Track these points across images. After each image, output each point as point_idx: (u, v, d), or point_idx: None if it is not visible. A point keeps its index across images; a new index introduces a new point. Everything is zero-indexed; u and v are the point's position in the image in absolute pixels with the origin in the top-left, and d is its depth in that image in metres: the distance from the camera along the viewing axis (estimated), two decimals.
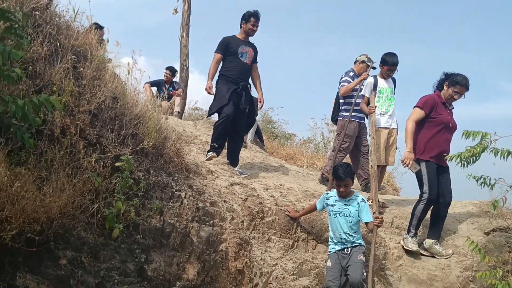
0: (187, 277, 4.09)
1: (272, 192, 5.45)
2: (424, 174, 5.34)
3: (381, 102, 6.38)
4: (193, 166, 4.96)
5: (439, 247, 5.39)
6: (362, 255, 4.64)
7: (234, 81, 6.18)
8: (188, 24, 10.98)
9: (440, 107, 5.46)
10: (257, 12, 6.31)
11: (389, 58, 6.29)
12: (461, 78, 5.42)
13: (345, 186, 4.71)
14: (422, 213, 5.33)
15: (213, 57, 6.25)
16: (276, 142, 11.58)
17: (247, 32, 6.33)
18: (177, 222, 4.17)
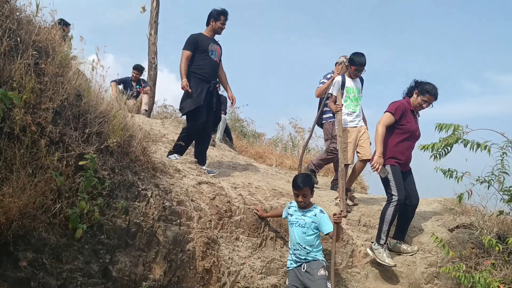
0: (153, 277, 4.03)
1: (240, 191, 5.43)
2: (390, 177, 5.37)
3: (348, 102, 6.44)
4: (160, 165, 4.89)
5: (404, 245, 5.47)
6: (323, 269, 4.39)
7: (206, 80, 6.11)
8: (157, 22, 10.83)
9: (409, 115, 5.50)
10: (226, 10, 6.26)
11: (357, 58, 6.33)
12: (431, 87, 5.47)
13: (304, 196, 4.52)
14: (393, 217, 5.30)
15: (182, 54, 6.11)
16: (245, 141, 11.57)
17: (216, 30, 6.26)
18: (143, 221, 4.10)
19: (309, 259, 4.44)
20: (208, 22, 6.27)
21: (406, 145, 5.46)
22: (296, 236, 4.54)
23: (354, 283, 5.15)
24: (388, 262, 5.17)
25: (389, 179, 5.36)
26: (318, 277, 4.32)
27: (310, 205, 4.63)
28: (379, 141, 5.40)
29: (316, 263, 4.42)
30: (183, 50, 6.13)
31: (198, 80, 6.05)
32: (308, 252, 4.46)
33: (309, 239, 4.48)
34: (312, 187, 4.62)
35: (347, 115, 6.38)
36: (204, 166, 6.06)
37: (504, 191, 3.95)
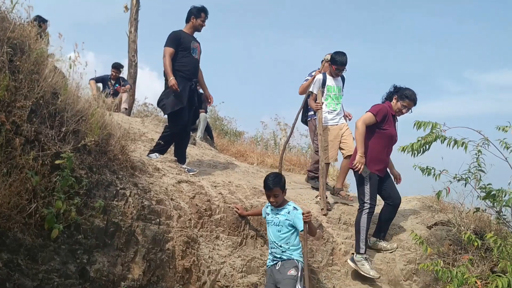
0: (132, 277, 3.99)
1: (221, 189, 5.41)
2: (366, 185, 5.31)
3: (329, 100, 6.47)
4: (139, 164, 4.84)
5: (383, 242, 5.51)
6: (294, 269, 4.34)
7: (189, 78, 6.05)
8: (137, 19, 10.73)
9: (390, 119, 5.47)
10: (206, 8, 6.21)
11: (338, 57, 6.37)
12: (410, 92, 5.46)
13: (275, 196, 4.50)
14: (367, 224, 5.24)
15: (165, 51, 5.98)
16: (226, 139, 11.54)
17: (196, 28, 6.20)
18: (122, 221, 4.06)
19: (284, 258, 4.42)
20: (188, 19, 6.19)
21: (386, 151, 5.46)
22: (272, 235, 4.55)
23: (335, 281, 5.18)
24: (372, 275, 5.11)
25: (365, 185, 5.31)
26: (286, 277, 4.30)
27: (284, 203, 4.61)
28: (361, 140, 5.32)
29: (289, 262, 4.40)
30: (166, 47, 6.00)
31: (181, 79, 5.96)
32: (283, 251, 4.44)
33: (284, 237, 4.47)
34: (283, 186, 4.58)
35: (328, 113, 6.41)
36: (184, 164, 6.02)
37: (481, 188, 4.00)
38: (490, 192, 3.82)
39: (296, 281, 4.28)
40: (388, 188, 5.48)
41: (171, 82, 5.85)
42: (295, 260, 4.40)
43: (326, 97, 6.49)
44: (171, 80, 5.84)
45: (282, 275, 4.33)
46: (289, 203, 4.63)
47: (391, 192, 5.49)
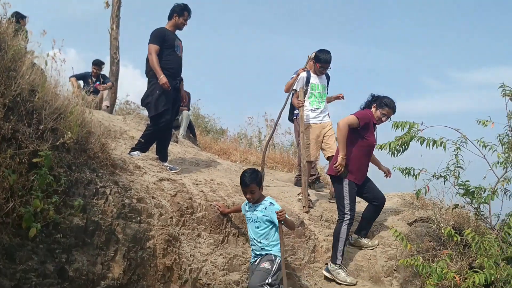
0: (112, 276, 3.96)
1: (202, 187, 5.39)
2: (346, 194, 5.24)
3: (313, 98, 6.48)
4: (120, 162, 4.81)
5: (365, 239, 5.54)
6: (268, 263, 4.35)
7: (173, 76, 6.00)
8: (119, 16, 10.61)
9: (372, 127, 5.42)
10: (189, 6, 6.16)
11: (322, 55, 6.37)
12: (389, 101, 5.42)
13: (251, 193, 4.51)
14: (347, 235, 5.20)
15: (151, 49, 5.88)
16: (209, 137, 11.51)
17: (178, 26, 6.14)
18: (102, 219, 4.02)
19: (263, 254, 4.44)
20: (171, 16, 6.13)
21: (365, 159, 5.41)
22: (251, 231, 4.59)
23: (316, 278, 5.20)
24: (350, 281, 5.09)
25: (344, 196, 5.25)
26: (259, 268, 4.33)
27: (261, 199, 4.61)
28: (343, 141, 5.22)
29: (266, 257, 4.42)
30: (151, 45, 5.89)
31: (167, 78, 5.88)
32: (262, 247, 4.46)
33: (263, 233, 4.47)
34: (260, 182, 4.59)
35: (311, 111, 6.42)
36: (166, 162, 5.99)
37: (459, 185, 4.04)
38: (468, 189, 3.87)
39: (269, 274, 4.27)
40: (371, 189, 5.49)
41: (162, 80, 5.77)
42: (272, 254, 4.41)
43: (310, 95, 6.49)
44: (162, 78, 5.77)
45: (256, 267, 4.39)
46: (266, 198, 4.63)
47: (375, 193, 5.50)
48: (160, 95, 5.83)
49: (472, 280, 3.41)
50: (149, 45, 5.92)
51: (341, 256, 5.15)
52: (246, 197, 4.59)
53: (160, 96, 5.83)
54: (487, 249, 3.71)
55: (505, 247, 3.64)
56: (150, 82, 5.94)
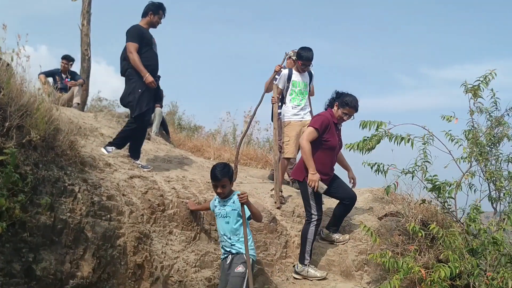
0: (81, 275, 3.92)
1: (174, 184, 5.37)
2: (311, 195, 5.24)
3: (293, 95, 6.48)
4: (89, 159, 4.75)
5: (336, 234, 5.60)
6: (242, 266, 4.26)
7: (153, 73, 5.93)
8: (89, 12, 10.43)
9: (332, 129, 5.34)
10: (164, 5, 6.11)
11: (304, 53, 6.36)
12: (351, 99, 5.32)
13: (222, 187, 4.42)
14: (314, 236, 5.20)
15: (130, 47, 5.77)
16: (183, 134, 11.44)
17: (153, 24, 6.08)
18: (70, 217, 3.97)
19: (233, 251, 4.37)
20: (146, 14, 6.05)
21: (328, 160, 5.34)
22: (221, 227, 4.53)
23: (288, 273, 5.24)
24: (320, 275, 5.15)
25: (310, 197, 5.24)
26: (234, 274, 4.23)
27: (230, 193, 4.54)
28: (309, 158, 5.18)
29: (238, 257, 4.34)
30: (131, 43, 5.80)
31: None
32: (232, 244, 4.38)
33: (233, 228, 4.40)
34: (231, 177, 4.53)
35: (292, 108, 6.42)
36: (138, 160, 5.94)
37: (427, 180, 4.12)
38: (435, 184, 3.94)
39: (244, 278, 4.21)
40: (341, 188, 5.45)
41: (148, 79, 5.74)
42: (244, 255, 4.32)
43: (291, 92, 6.49)
44: (148, 77, 5.73)
45: (230, 272, 4.29)
46: (235, 192, 4.54)
47: (345, 192, 5.45)
48: (143, 94, 5.80)
49: (437, 274, 3.48)
50: (127, 43, 5.83)
51: (309, 257, 5.17)
52: (217, 192, 4.49)
53: (142, 94, 5.79)
54: (452, 242, 3.79)
55: (470, 239, 3.72)
56: (130, 81, 5.85)
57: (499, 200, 4.21)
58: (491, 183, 4.01)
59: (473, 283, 3.52)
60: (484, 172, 3.94)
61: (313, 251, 5.31)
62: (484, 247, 3.55)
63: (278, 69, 6.58)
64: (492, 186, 4.03)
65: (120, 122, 7.56)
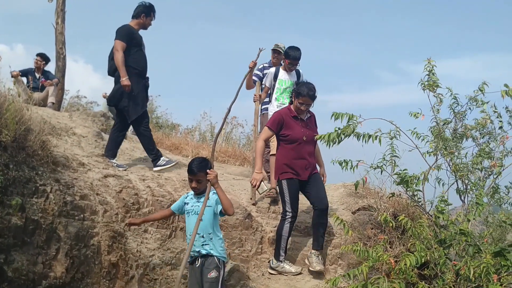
0: (54, 275, 3.92)
1: (149, 182, 5.37)
2: (285, 193, 5.20)
3: (279, 94, 6.47)
4: (62, 159, 4.73)
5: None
6: (214, 271, 3.98)
7: (143, 74, 6.01)
8: (64, 10, 10.33)
9: (290, 123, 5.26)
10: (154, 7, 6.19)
11: (291, 52, 6.34)
12: (303, 88, 5.25)
13: (198, 182, 4.10)
14: (289, 233, 5.19)
15: (117, 45, 5.75)
16: (161, 132, 11.41)
17: (144, 25, 6.14)
18: (42, 218, 3.96)
19: (203, 252, 4.02)
20: (138, 16, 6.09)
21: (295, 154, 5.19)
22: (191, 225, 4.18)
23: (264, 268, 5.28)
24: (294, 271, 5.14)
25: (284, 194, 5.21)
26: (207, 280, 3.97)
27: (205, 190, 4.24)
28: (258, 157, 5.27)
29: (209, 262, 4.01)
30: (119, 41, 5.78)
31: (136, 77, 5.89)
32: (203, 244, 4.03)
33: (207, 225, 4.07)
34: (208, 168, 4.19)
35: (277, 106, 6.40)
36: (114, 159, 5.92)
37: (396, 174, 4.19)
38: (403, 178, 4.02)
39: (218, 283, 4.00)
40: (313, 192, 5.29)
41: (124, 82, 5.73)
42: (215, 258, 4.03)
43: (277, 90, 6.49)
44: (124, 80, 5.72)
45: (203, 278, 4.00)
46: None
47: (316, 196, 5.27)
48: (136, 96, 5.85)
49: (404, 262, 3.57)
50: (116, 40, 5.81)
51: (283, 253, 5.19)
52: (192, 187, 4.17)
53: (136, 97, 5.85)
54: (420, 233, 3.88)
55: (438, 231, 3.82)
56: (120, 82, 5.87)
57: (466, 192, 4.31)
58: (457, 176, 4.11)
59: (439, 272, 3.61)
60: (450, 165, 4.03)
61: (289, 247, 5.34)
62: (451, 237, 3.64)
63: (252, 65, 6.57)
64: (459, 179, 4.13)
65: (96, 122, 7.52)
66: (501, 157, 4.13)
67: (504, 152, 4.17)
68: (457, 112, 4.24)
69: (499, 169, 4.07)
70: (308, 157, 5.27)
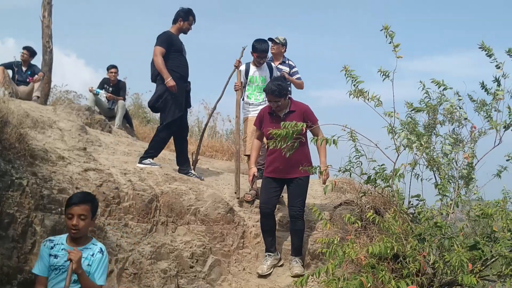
0: (29, 269, 3.86)
1: (131, 176, 5.34)
2: (262, 188, 5.29)
3: (250, 92, 6.35)
4: (40, 152, 4.68)
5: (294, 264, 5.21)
6: None
7: (184, 78, 6.09)
8: (50, 3, 10.19)
9: (267, 120, 5.22)
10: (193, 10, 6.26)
11: (258, 45, 6.18)
12: (267, 85, 5.16)
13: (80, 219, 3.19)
14: (263, 225, 5.25)
15: (157, 51, 5.93)
16: (149, 127, 11.36)
17: (183, 30, 6.23)
18: (18, 211, 3.92)
19: None
20: (176, 21, 6.19)
21: (276, 152, 4.90)
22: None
23: (245, 263, 5.28)
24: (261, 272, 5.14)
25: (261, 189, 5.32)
26: None
27: (87, 240, 3.32)
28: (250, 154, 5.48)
29: None
30: (158, 47, 5.95)
31: (178, 81, 5.97)
32: None
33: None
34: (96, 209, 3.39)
35: (249, 104, 6.32)
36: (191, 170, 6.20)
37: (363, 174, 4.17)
38: (369, 176, 4.03)
39: None
40: (289, 195, 5.22)
41: (169, 83, 5.85)
42: None
43: (248, 88, 6.37)
44: (169, 81, 5.85)
45: None
46: (94, 240, 3.40)
47: (289, 200, 5.23)
48: (174, 100, 5.94)
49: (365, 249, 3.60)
50: (155, 47, 5.97)
51: (269, 247, 5.24)
52: (71, 224, 3.19)
53: (174, 100, 5.94)
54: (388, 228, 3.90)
55: (413, 226, 3.82)
56: (160, 85, 6.02)
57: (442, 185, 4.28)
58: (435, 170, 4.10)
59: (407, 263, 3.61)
60: (426, 160, 4.02)
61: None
62: (425, 231, 3.64)
63: (237, 64, 6.44)
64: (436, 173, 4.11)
65: (80, 115, 7.48)
66: (472, 147, 4.11)
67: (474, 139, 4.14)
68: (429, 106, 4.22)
69: (472, 159, 4.05)
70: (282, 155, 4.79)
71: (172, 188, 5.41)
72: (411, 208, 4.21)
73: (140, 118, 11.98)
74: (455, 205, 3.99)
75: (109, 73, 9.76)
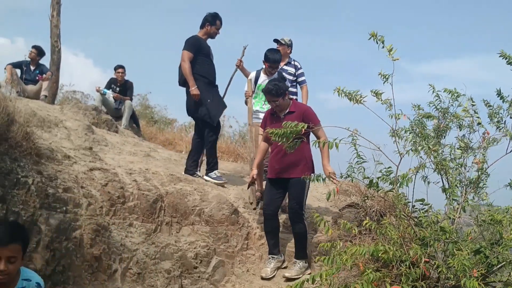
0: (34, 267, 3.88)
1: (136, 176, 5.35)
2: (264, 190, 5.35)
3: (258, 99, 6.37)
4: (46, 151, 4.70)
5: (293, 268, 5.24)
6: None
7: (213, 84, 6.15)
8: (59, 3, 10.29)
9: (269, 121, 5.29)
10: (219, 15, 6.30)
11: (271, 55, 6.19)
12: (265, 88, 5.22)
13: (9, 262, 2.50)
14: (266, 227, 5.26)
15: (185, 56, 5.97)
16: (155, 127, 11.40)
17: (211, 35, 6.27)
18: (23, 210, 3.94)
19: None
20: (203, 25, 6.23)
21: (274, 152, 5.22)
22: None
23: (249, 264, 5.28)
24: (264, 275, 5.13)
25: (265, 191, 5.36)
26: None
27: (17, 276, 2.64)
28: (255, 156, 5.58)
29: None
30: (186, 51, 5.99)
31: (207, 86, 6.06)
32: None
33: None
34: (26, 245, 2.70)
35: (255, 112, 6.33)
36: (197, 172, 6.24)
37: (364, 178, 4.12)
38: (371, 181, 3.98)
39: None
40: (289, 195, 5.23)
41: (193, 91, 5.93)
42: None
43: (255, 95, 6.39)
44: (194, 90, 5.93)
45: None
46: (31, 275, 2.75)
47: (288, 202, 5.27)
48: (212, 102, 6.02)
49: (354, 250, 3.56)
50: (183, 51, 6.00)
51: (272, 249, 5.24)
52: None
53: (212, 103, 6.02)
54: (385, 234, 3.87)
55: (417, 230, 3.78)
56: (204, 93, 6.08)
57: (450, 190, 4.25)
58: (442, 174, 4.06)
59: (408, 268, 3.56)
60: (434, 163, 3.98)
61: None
62: (430, 236, 3.60)
63: (238, 63, 6.50)
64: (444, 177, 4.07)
65: (87, 115, 7.51)
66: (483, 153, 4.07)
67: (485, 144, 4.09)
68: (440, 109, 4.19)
69: (482, 165, 4.01)
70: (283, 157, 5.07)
71: (177, 189, 5.42)
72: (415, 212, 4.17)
73: (147, 118, 12.02)
74: (462, 209, 3.95)
75: (116, 73, 9.81)
